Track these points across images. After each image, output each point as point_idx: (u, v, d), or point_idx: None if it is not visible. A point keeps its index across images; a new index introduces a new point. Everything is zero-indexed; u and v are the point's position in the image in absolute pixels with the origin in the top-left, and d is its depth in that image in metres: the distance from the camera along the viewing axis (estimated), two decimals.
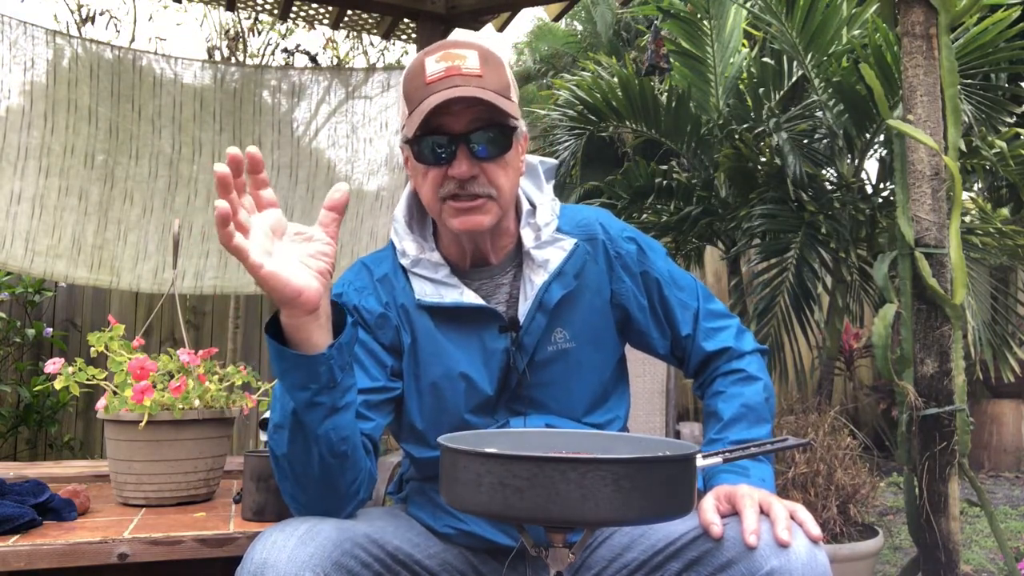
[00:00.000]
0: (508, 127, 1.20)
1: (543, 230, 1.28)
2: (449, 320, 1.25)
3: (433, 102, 1.13)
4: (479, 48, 1.21)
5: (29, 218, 3.04)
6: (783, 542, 1.01)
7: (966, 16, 2.38)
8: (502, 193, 1.21)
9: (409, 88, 1.20)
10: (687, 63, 3.67)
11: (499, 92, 1.18)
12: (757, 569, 1.01)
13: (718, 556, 1.06)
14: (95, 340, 1.68)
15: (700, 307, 1.35)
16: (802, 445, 1.08)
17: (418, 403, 1.26)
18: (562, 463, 0.80)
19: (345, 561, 1.05)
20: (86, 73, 3.16)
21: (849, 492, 2.76)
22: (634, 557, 1.18)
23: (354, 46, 6.30)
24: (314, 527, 1.06)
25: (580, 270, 1.28)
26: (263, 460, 1.53)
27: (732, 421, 1.27)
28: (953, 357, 2.24)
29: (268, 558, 1.01)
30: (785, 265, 3.47)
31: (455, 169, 1.17)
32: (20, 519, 1.39)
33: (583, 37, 7.29)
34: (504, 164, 1.21)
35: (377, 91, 3.55)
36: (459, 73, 1.16)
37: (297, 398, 1.07)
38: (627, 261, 1.32)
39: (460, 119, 1.16)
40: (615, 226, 1.36)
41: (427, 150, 1.19)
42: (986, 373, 3.67)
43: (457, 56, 1.18)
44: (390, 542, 1.15)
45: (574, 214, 1.35)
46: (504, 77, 1.21)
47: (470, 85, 1.15)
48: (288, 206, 3.42)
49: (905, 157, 2.30)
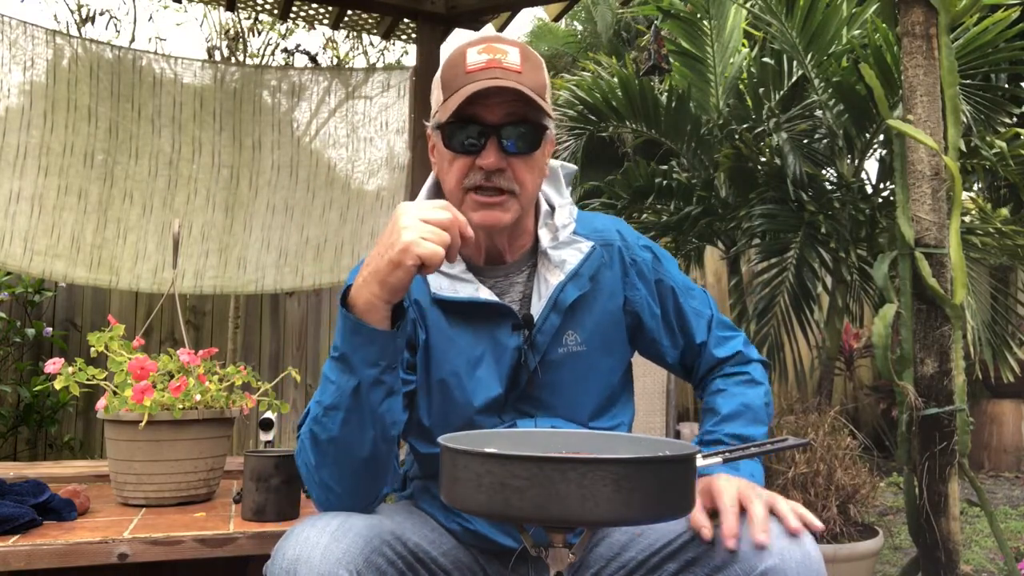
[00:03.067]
0: (540, 125, 1.21)
1: (561, 231, 1.29)
2: (462, 316, 1.24)
3: (471, 89, 1.14)
4: (521, 46, 1.23)
5: (28, 217, 3.04)
6: (759, 543, 1.01)
7: (966, 16, 2.38)
8: (525, 191, 1.22)
9: (447, 75, 1.21)
10: (687, 63, 3.67)
11: (535, 90, 1.18)
12: (752, 569, 1.01)
13: (714, 557, 1.07)
14: (95, 340, 1.68)
15: (713, 316, 1.37)
16: (802, 445, 1.09)
17: (427, 399, 1.25)
18: (562, 463, 0.80)
19: (374, 559, 1.05)
20: (86, 73, 3.16)
21: (849, 492, 2.76)
22: (632, 556, 1.18)
23: (354, 46, 6.30)
24: (345, 523, 1.06)
25: (595, 273, 1.29)
26: (263, 460, 1.53)
27: (730, 416, 1.28)
28: (953, 357, 2.24)
29: (301, 555, 1.01)
30: (785, 265, 3.47)
31: (483, 159, 1.18)
32: (20, 519, 1.39)
33: (583, 37, 7.29)
34: (531, 162, 1.22)
35: (377, 91, 3.55)
36: (500, 66, 1.17)
37: (364, 375, 1.08)
38: (642, 268, 1.33)
39: (495, 111, 1.17)
40: (632, 234, 1.37)
41: (458, 137, 1.19)
42: (986, 373, 3.67)
43: (499, 50, 1.19)
44: (410, 539, 1.15)
45: (591, 220, 1.36)
46: (542, 78, 1.22)
47: (509, 79, 1.16)
48: (288, 206, 3.42)
49: (905, 157, 2.30)
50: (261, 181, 3.39)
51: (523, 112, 1.18)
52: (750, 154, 3.29)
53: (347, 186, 3.52)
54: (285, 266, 3.41)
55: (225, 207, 3.34)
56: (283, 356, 4.99)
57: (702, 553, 1.09)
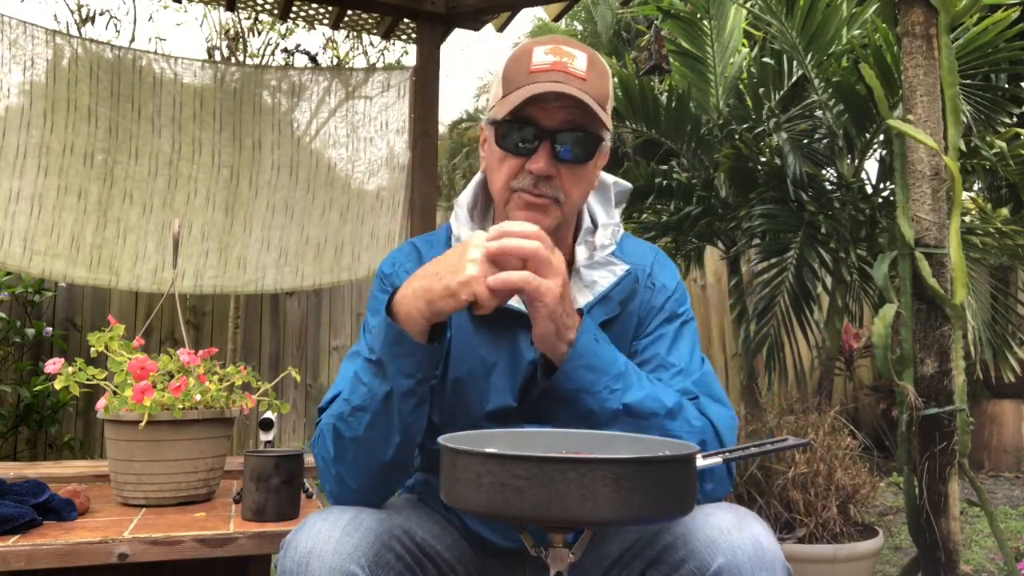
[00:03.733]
0: (596, 136, 1.18)
1: (598, 251, 1.25)
2: (486, 320, 1.22)
3: (533, 90, 1.12)
4: (589, 53, 1.19)
5: (28, 217, 3.04)
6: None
7: (966, 16, 2.38)
8: (569, 200, 1.19)
9: (510, 72, 1.18)
10: (687, 63, 3.67)
11: (598, 100, 1.16)
12: (705, 567, 1.00)
13: (672, 554, 1.05)
14: (95, 340, 1.68)
15: (685, 367, 1.21)
16: (802, 445, 1.08)
17: (439, 397, 1.24)
18: (562, 463, 0.80)
19: (384, 554, 1.06)
20: (86, 73, 3.16)
21: (849, 492, 2.76)
22: (610, 551, 1.18)
23: (354, 46, 6.30)
24: (356, 517, 1.06)
25: (627, 298, 1.25)
26: (263, 460, 1.53)
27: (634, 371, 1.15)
28: (953, 357, 2.24)
29: (314, 548, 1.00)
30: (785, 265, 3.47)
31: (533, 163, 1.15)
32: (20, 519, 1.38)
33: (583, 37, 7.29)
34: (581, 173, 1.19)
35: (377, 91, 3.55)
36: (564, 70, 1.14)
37: (399, 384, 1.08)
38: (658, 293, 1.27)
39: (553, 115, 1.15)
40: (669, 265, 1.33)
41: (511, 137, 1.17)
42: (986, 373, 3.67)
43: (566, 54, 1.16)
44: (417, 533, 1.15)
45: (634, 245, 1.32)
46: (606, 88, 1.19)
47: (572, 84, 1.13)
48: (288, 206, 3.42)
49: (905, 157, 2.30)
50: (261, 181, 3.39)
51: (581, 120, 1.14)
52: (750, 154, 3.29)
53: (347, 186, 3.52)
54: (285, 266, 3.42)
55: (225, 207, 3.34)
56: (283, 356, 5.00)
57: (661, 551, 1.08)
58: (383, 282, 1.29)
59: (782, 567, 1.01)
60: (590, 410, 1.09)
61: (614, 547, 1.17)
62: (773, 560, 1.00)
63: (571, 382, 1.09)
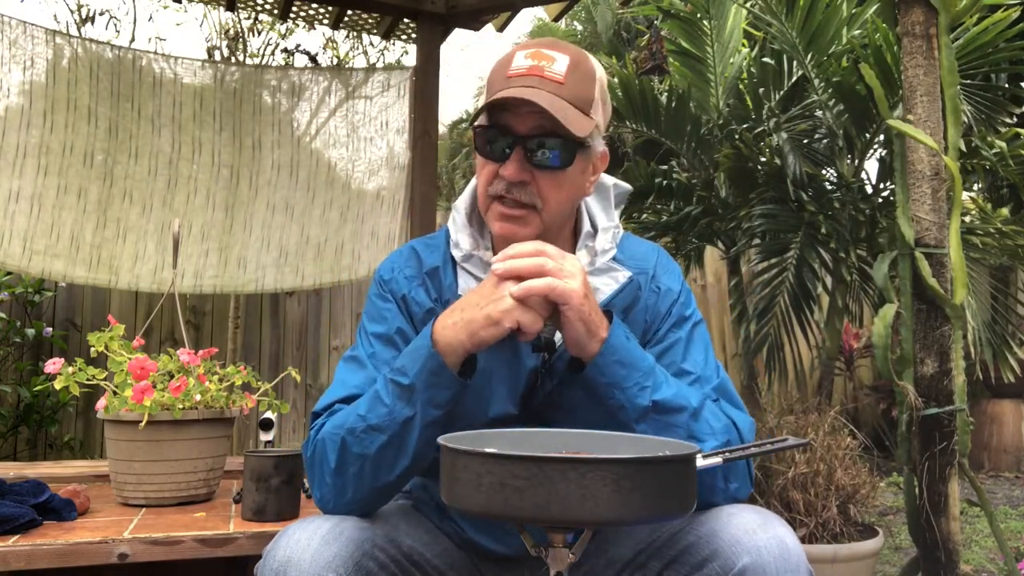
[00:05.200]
0: (573, 141, 1.15)
1: (599, 257, 1.24)
2: None
3: (503, 95, 1.11)
4: (574, 55, 1.16)
5: (27, 217, 3.04)
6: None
7: (966, 16, 2.38)
8: (548, 207, 1.17)
9: (493, 76, 1.18)
10: (687, 63, 3.67)
11: (576, 103, 1.14)
12: (730, 567, 1.00)
13: (694, 554, 1.05)
14: (95, 340, 1.69)
15: (701, 374, 1.21)
16: (802, 445, 1.08)
17: None
18: (562, 463, 0.80)
19: (365, 563, 1.05)
20: (86, 73, 3.16)
21: (849, 492, 2.76)
22: (622, 553, 1.17)
23: (354, 46, 6.29)
24: (337, 526, 1.05)
25: (630, 305, 1.24)
26: (263, 460, 1.53)
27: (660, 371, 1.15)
28: (953, 357, 2.24)
29: (292, 557, 1.00)
30: (785, 265, 3.47)
31: (505, 169, 1.14)
32: (20, 519, 1.39)
33: (583, 37, 7.29)
34: (560, 178, 1.16)
35: (377, 91, 3.55)
36: (540, 74, 1.13)
37: (427, 414, 1.07)
38: (664, 298, 1.26)
39: (524, 120, 1.13)
40: (672, 266, 1.32)
41: (486, 143, 1.17)
42: (986, 373, 3.67)
43: (545, 57, 1.14)
44: (404, 541, 1.15)
45: (635, 246, 1.31)
46: (589, 91, 1.17)
47: (544, 89, 1.11)
48: (288, 206, 3.42)
49: (905, 157, 2.30)
50: (261, 181, 3.39)
51: (551, 126, 1.11)
52: (750, 154, 3.29)
53: (347, 186, 3.52)
54: (285, 266, 3.42)
55: (225, 207, 3.34)
56: (283, 356, 4.99)
57: (682, 551, 1.07)
58: (382, 288, 1.28)
59: (806, 570, 1.02)
60: (620, 405, 1.09)
61: (626, 549, 1.17)
62: (798, 562, 1.01)
63: (604, 376, 1.09)
